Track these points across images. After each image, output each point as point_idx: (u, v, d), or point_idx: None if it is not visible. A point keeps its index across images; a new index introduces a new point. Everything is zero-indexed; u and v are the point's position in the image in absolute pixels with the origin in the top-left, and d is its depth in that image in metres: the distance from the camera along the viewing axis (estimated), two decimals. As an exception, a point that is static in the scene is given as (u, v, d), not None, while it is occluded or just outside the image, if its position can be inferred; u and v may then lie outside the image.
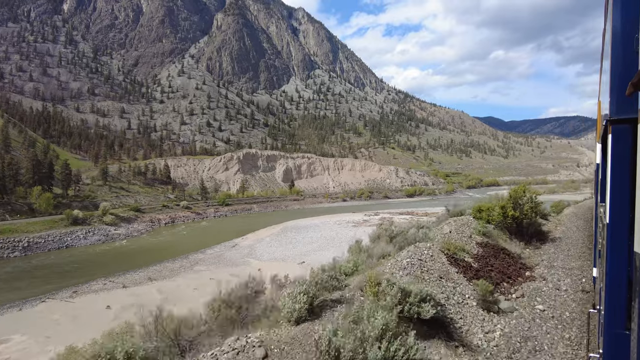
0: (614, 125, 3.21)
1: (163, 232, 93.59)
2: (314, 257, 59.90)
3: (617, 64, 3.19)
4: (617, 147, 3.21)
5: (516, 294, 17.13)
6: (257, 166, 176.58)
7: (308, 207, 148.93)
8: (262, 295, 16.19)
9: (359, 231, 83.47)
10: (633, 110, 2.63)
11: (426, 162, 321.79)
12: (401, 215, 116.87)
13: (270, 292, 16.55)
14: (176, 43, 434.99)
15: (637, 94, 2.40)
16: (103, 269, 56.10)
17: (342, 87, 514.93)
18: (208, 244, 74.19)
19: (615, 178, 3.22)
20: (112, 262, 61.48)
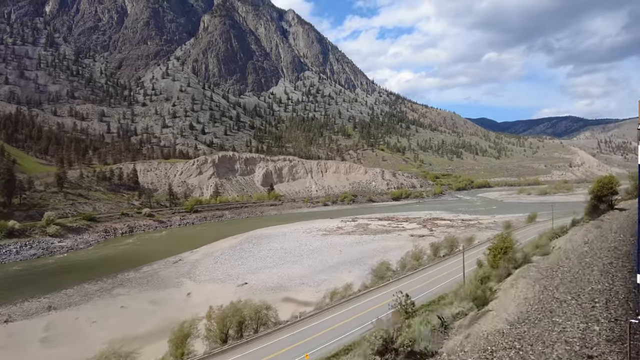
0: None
1: (114, 244, 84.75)
2: (261, 276, 51.63)
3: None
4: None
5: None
6: (234, 170, 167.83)
7: (286, 213, 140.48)
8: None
9: (326, 241, 75.40)
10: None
11: (416, 163, 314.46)
12: (380, 221, 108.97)
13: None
14: (161, 45, 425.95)
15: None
16: (5, 294, 47.31)
17: (332, 89, 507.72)
18: (152, 258, 65.63)
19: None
20: (27, 284, 52.72)
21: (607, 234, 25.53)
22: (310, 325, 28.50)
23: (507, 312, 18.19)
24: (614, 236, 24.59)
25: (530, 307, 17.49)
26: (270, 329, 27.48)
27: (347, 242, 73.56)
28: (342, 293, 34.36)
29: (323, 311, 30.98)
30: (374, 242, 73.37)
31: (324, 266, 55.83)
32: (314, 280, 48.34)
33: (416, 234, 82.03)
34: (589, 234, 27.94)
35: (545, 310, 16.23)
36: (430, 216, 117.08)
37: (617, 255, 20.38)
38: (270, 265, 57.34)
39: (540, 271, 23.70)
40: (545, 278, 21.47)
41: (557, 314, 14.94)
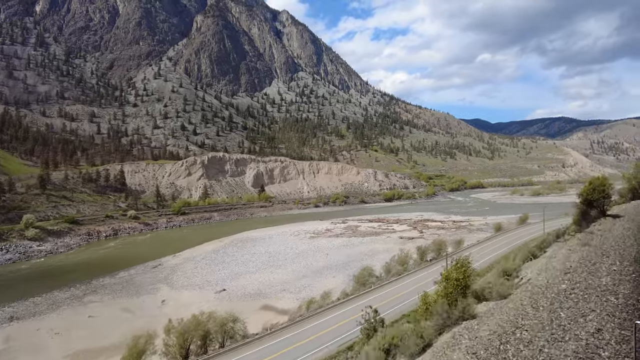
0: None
1: (95, 248, 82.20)
2: (241, 281, 49.54)
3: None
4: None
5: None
6: (224, 171, 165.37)
7: (276, 214, 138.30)
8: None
9: (313, 244, 73.40)
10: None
11: (409, 164, 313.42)
12: (371, 222, 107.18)
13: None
14: (153, 45, 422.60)
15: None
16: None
17: (325, 90, 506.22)
18: (132, 262, 63.29)
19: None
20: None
21: (598, 259, 18.94)
22: (281, 338, 26.50)
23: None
24: (608, 265, 17.34)
25: None
26: (238, 342, 25.43)
27: (334, 245, 71.61)
28: (319, 302, 32.40)
29: (297, 322, 28.99)
30: (362, 245, 71.48)
31: (308, 271, 53.84)
32: (295, 287, 46.33)
33: (406, 236, 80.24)
34: (573, 256, 21.18)
35: None
36: (422, 217, 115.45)
37: (613, 307, 12.55)
38: (252, 270, 55.26)
39: (475, 348, 12.86)
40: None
41: None
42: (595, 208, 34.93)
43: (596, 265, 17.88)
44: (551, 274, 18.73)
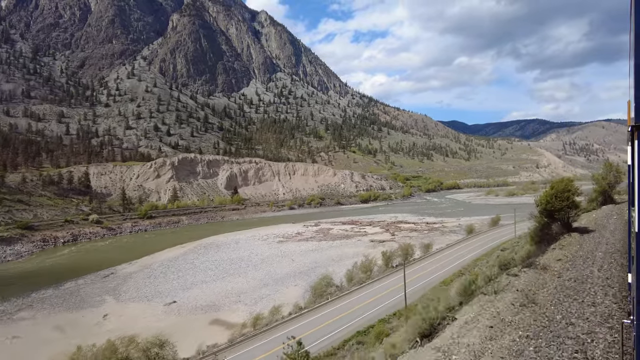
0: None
1: (49, 255, 76.99)
2: (195, 292, 46.08)
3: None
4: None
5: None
6: (195, 172, 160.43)
7: (248, 217, 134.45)
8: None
9: (281, 249, 70.29)
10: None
11: (387, 165, 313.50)
12: (344, 225, 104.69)
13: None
14: (127, 44, 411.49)
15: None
16: None
17: (304, 91, 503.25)
18: (83, 271, 58.92)
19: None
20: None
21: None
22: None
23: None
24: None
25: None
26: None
27: (302, 250, 68.69)
28: (268, 318, 29.38)
29: (237, 344, 25.90)
30: (331, 249, 68.79)
31: (269, 279, 50.74)
32: (252, 297, 43.18)
33: (377, 239, 78.00)
34: (502, 336, 12.11)
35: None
36: (395, 219, 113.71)
37: None
38: (210, 279, 51.81)
39: None
40: None
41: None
42: (558, 220, 28.45)
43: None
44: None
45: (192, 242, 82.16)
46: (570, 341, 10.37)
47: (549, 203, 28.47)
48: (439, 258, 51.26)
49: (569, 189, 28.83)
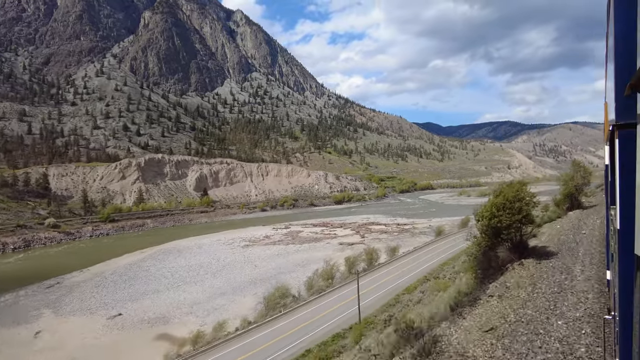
0: (621, 130, 3.18)
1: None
2: (145, 302, 42.84)
3: (620, 69, 3.14)
4: (624, 152, 3.16)
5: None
6: (163, 174, 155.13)
7: (218, 220, 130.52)
8: None
9: (245, 253, 67.44)
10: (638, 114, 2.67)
11: (362, 166, 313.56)
12: (315, 227, 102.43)
13: None
14: (96, 41, 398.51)
15: (635, 96, 2.46)
16: None
17: (280, 91, 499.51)
18: (30, 280, 54.52)
19: (625, 184, 3.14)
20: None
21: None
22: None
23: None
24: None
25: None
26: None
27: (267, 255, 65.97)
28: (212, 335, 26.69)
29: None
30: (297, 254, 66.35)
31: (228, 287, 47.88)
32: (205, 308, 40.27)
33: (346, 242, 76.04)
34: None
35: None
36: (367, 221, 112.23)
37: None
38: (164, 287, 48.52)
39: None
40: None
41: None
42: (507, 242, 21.98)
43: None
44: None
45: (154, 247, 78.20)
46: None
47: (494, 217, 21.55)
48: (406, 262, 49.58)
49: (522, 197, 22.10)
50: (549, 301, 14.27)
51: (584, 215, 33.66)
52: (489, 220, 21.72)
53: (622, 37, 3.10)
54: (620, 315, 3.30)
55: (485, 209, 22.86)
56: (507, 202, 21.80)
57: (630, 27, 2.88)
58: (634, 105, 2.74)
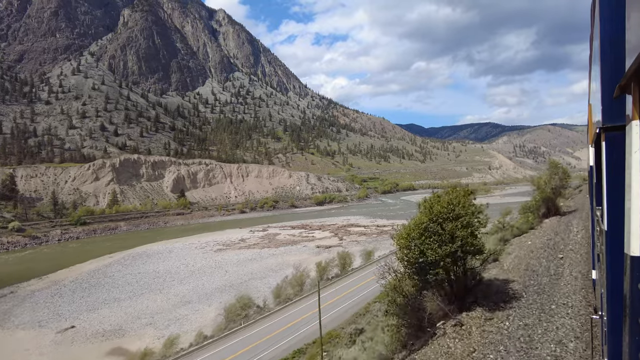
0: (608, 132, 3.22)
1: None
2: (103, 313, 40.15)
3: (607, 71, 3.20)
4: (612, 154, 3.22)
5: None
6: (139, 175, 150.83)
7: (194, 223, 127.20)
8: None
9: (217, 258, 64.91)
10: (625, 116, 2.66)
11: (345, 167, 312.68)
12: (293, 229, 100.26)
13: None
14: (73, 39, 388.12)
15: (624, 98, 2.50)
16: None
17: (263, 91, 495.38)
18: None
19: (612, 186, 3.21)
20: None
21: None
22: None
23: None
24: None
25: None
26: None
27: (240, 259, 63.60)
28: (162, 352, 24.37)
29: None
30: (272, 258, 64.15)
31: (194, 295, 45.43)
32: (167, 319, 37.81)
33: (323, 245, 74.18)
34: None
35: None
36: (347, 222, 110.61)
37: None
38: (127, 296, 45.79)
39: None
40: None
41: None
42: (446, 282, 15.22)
43: None
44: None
45: (123, 251, 74.93)
46: None
47: (422, 251, 14.48)
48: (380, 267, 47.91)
49: (463, 213, 15.12)
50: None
51: (562, 225, 27.76)
52: (414, 254, 14.80)
53: (608, 39, 3.11)
54: (609, 315, 3.32)
55: (404, 232, 15.94)
56: (441, 219, 14.94)
57: (617, 29, 2.91)
58: (621, 108, 2.76)
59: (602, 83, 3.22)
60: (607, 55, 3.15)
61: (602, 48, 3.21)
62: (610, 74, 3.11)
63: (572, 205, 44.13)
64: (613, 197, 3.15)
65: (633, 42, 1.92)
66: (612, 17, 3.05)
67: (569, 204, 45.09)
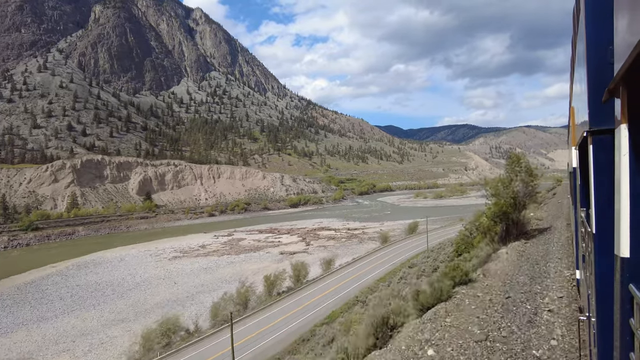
0: (595, 135, 3.27)
1: None
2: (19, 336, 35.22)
3: (593, 74, 3.25)
4: (599, 156, 3.26)
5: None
6: (102, 176, 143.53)
7: (159, 227, 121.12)
8: None
9: (169, 267, 60.00)
10: (611, 120, 2.72)
11: (322, 168, 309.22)
12: (260, 234, 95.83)
13: None
14: (40, 34, 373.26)
15: (612, 102, 2.55)
16: None
17: (240, 91, 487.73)
18: None
19: (599, 188, 3.25)
20: None
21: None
22: None
23: None
24: None
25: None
26: None
27: (194, 269, 58.90)
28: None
29: None
30: (229, 267, 59.67)
31: (132, 312, 40.68)
32: (90, 343, 33.03)
33: (288, 251, 70.03)
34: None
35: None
36: (319, 225, 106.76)
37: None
38: (54, 313, 40.66)
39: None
40: None
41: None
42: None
43: None
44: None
45: (70, 260, 69.09)
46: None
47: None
48: (341, 277, 44.16)
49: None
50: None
51: (527, 263, 15.73)
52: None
53: (594, 43, 3.15)
54: (598, 316, 3.35)
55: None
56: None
57: (603, 33, 2.93)
58: (608, 111, 2.80)
59: (589, 86, 3.24)
60: (593, 59, 3.17)
61: (588, 51, 3.23)
62: (596, 77, 3.15)
63: (545, 215, 32.64)
64: (600, 199, 3.19)
65: (621, 45, 1.96)
66: (598, 20, 3.07)
67: (541, 214, 34.34)
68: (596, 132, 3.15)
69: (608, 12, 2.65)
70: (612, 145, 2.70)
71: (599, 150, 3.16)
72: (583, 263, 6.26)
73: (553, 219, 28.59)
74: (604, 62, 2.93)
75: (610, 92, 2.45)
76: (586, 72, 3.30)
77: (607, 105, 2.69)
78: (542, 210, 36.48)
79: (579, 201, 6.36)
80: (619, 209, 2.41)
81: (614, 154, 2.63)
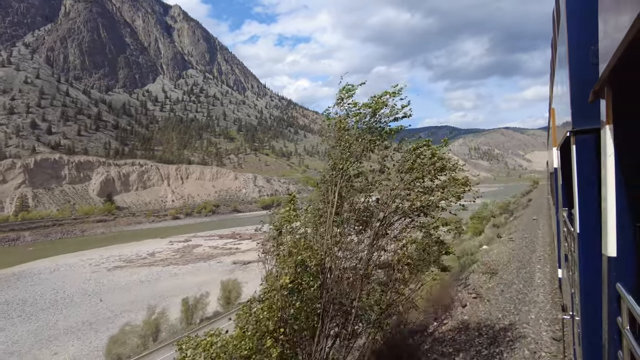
0: (578, 135, 3.30)
1: None
2: None
3: (577, 76, 3.27)
4: (582, 157, 3.29)
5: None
6: (60, 177, 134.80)
7: (117, 231, 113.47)
8: None
9: (104, 280, 53.30)
10: (595, 120, 2.71)
11: (300, 168, 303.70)
12: (220, 239, 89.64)
13: None
14: (4, 27, 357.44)
15: (598, 103, 2.56)
16: None
17: (217, 90, 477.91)
18: None
19: (583, 188, 3.27)
20: None
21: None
22: None
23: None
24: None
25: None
26: None
27: (131, 281, 52.50)
28: None
29: None
30: (170, 280, 53.46)
31: (31, 338, 34.26)
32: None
33: (242, 260, 64.07)
34: None
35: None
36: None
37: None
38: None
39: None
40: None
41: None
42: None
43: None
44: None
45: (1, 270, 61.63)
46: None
47: None
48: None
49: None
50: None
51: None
52: None
53: (576, 44, 3.16)
54: (583, 315, 3.37)
55: None
56: None
57: (586, 34, 2.92)
58: (591, 112, 2.80)
59: (572, 87, 3.24)
60: (576, 60, 3.18)
61: (570, 52, 3.22)
62: (579, 77, 3.16)
63: (508, 253, 18.86)
64: (584, 199, 3.19)
65: (606, 47, 1.94)
66: (580, 22, 3.07)
67: (500, 248, 20.66)
68: (579, 132, 3.15)
69: (590, 13, 2.64)
70: (595, 145, 2.70)
71: (582, 150, 3.15)
72: (565, 262, 6.26)
73: (520, 264, 16.10)
74: (586, 63, 2.91)
75: (595, 94, 2.47)
76: (568, 73, 3.29)
77: (589, 106, 2.70)
78: (509, 231, 24.13)
79: (560, 201, 6.33)
80: (605, 209, 2.39)
81: (597, 153, 2.62)
